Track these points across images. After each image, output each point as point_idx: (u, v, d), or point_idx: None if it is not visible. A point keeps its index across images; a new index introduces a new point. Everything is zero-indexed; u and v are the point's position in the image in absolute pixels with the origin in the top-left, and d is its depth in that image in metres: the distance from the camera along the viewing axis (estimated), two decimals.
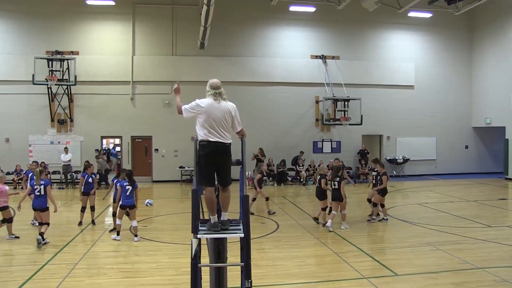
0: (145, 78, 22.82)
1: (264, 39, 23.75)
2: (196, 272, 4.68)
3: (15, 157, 21.52)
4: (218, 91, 5.20)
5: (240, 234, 4.78)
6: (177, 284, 7.74)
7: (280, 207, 15.78)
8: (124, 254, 9.75)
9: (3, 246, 10.48)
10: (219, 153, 5.06)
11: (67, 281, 7.93)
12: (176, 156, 22.97)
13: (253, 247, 4.97)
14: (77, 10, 22.30)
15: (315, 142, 24.07)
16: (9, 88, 21.97)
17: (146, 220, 13.22)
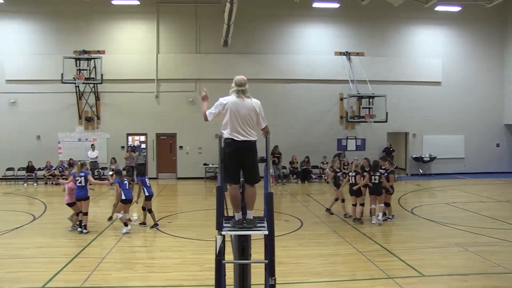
0: (169, 76, 23.05)
1: (287, 36, 23.69)
2: (220, 269, 4.73)
3: (45, 154, 22.05)
4: (241, 88, 5.17)
5: (264, 231, 4.80)
6: (201, 280, 7.84)
7: (304, 204, 15.78)
8: (149, 249, 9.93)
9: (36, 238, 10.83)
10: (244, 150, 5.05)
11: (95, 274, 8.15)
12: (200, 153, 23.15)
13: (277, 244, 4.99)
14: (103, 10, 22.67)
15: (339, 139, 23.92)
16: (39, 87, 22.55)
17: (171, 216, 13.36)
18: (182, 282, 7.77)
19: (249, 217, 5.05)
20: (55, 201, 16.81)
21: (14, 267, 8.69)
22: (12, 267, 8.64)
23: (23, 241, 10.65)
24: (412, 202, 15.97)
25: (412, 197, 17.47)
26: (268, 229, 4.82)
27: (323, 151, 22.91)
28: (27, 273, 8.30)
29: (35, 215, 13.57)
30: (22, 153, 22.01)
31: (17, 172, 21.93)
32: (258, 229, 4.94)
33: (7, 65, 22.59)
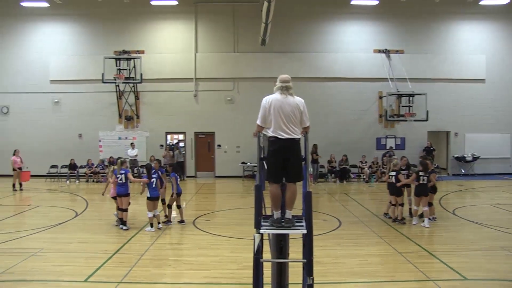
0: (208, 75, 23.25)
1: (325, 34, 23.48)
2: (258, 267, 4.72)
3: (86, 152, 22.69)
4: (285, 84, 5.15)
5: (302, 230, 4.76)
6: (239, 278, 7.85)
7: (342, 204, 15.61)
8: (188, 247, 10.01)
9: (78, 234, 11.13)
10: (288, 149, 5.01)
11: (134, 270, 8.28)
12: (238, 152, 23.25)
13: (315, 244, 4.94)
14: (142, 11, 23.08)
15: (378, 138, 23.55)
16: (81, 87, 23.24)
17: (209, 214, 13.45)
18: (220, 280, 7.80)
19: (287, 216, 5.01)
20: (96, 198, 17.22)
21: (58, 261, 8.95)
22: (56, 261, 8.91)
23: (66, 236, 10.98)
24: (454, 202, 15.54)
25: (454, 197, 17.01)
26: (306, 228, 4.78)
27: (362, 150, 22.63)
28: (70, 267, 8.53)
29: (77, 212, 13.95)
30: (65, 151, 22.71)
31: (60, 169, 22.59)
32: (296, 228, 4.91)
33: (52, 66, 23.40)
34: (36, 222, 12.53)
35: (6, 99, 23.66)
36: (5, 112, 23.75)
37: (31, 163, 20.84)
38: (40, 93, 23.44)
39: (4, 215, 13.67)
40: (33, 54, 23.54)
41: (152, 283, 7.69)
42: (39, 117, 23.47)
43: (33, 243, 10.27)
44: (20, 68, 23.56)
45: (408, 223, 12.20)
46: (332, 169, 22.06)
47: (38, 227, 11.80)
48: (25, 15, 23.31)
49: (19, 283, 7.59)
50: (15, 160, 19.16)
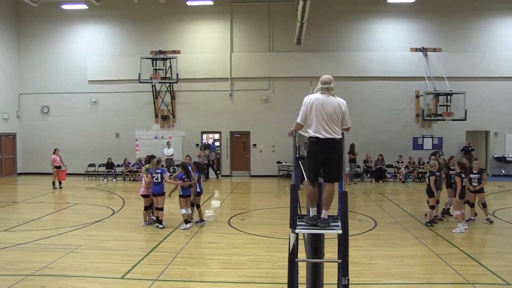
0: (243, 74, 23.31)
1: (361, 33, 23.18)
2: (293, 267, 4.69)
3: (123, 151, 23.14)
4: (326, 86, 5.09)
5: (338, 230, 4.70)
6: (274, 277, 7.83)
7: (378, 204, 15.39)
8: (223, 245, 10.04)
9: (115, 232, 11.37)
10: (329, 149, 4.94)
11: (170, 268, 8.37)
12: (273, 151, 23.24)
13: (350, 244, 4.86)
14: (178, 11, 23.34)
15: (415, 138, 23.07)
16: (118, 87, 23.74)
17: (244, 213, 13.50)
18: (255, 279, 7.79)
19: (323, 216, 4.95)
20: (132, 196, 17.49)
21: (96, 257, 9.14)
22: (94, 258, 9.10)
23: (104, 234, 11.21)
24: (494, 204, 15.06)
25: (494, 199, 16.50)
26: (342, 229, 4.71)
27: (398, 149, 22.24)
28: (107, 264, 8.70)
29: (114, 210, 14.22)
30: (102, 150, 23.22)
31: (98, 168, 23.09)
32: (331, 228, 4.85)
33: (90, 66, 23.98)
34: (74, 219, 12.85)
35: (47, 100, 24.42)
36: (45, 112, 24.50)
37: (70, 162, 21.38)
38: (78, 93, 24.08)
39: (45, 212, 14.08)
40: (72, 55, 24.19)
41: (187, 281, 7.74)
42: (78, 116, 24.12)
43: (72, 239, 10.53)
44: (59, 69, 24.26)
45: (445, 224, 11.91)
46: (368, 169, 21.78)
47: (76, 224, 12.10)
48: (65, 18, 24.00)
49: (59, 278, 7.78)
50: (54, 158, 19.69)
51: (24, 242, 10.23)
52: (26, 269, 8.26)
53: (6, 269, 8.32)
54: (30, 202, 16.17)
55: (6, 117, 23.77)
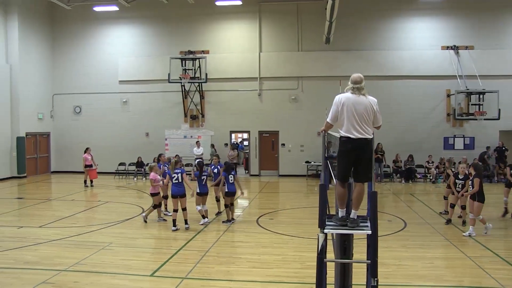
0: (272, 74, 23.31)
1: (391, 31, 22.84)
2: (322, 267, 4.67)
3: (153, 150, 23.28)
4: (356, 85, 5.03)
5: (367, 231, 4.66)
6: (302, 277, 7.81)
7: (407, 205, 15.17)
8: (251, 245, 10.06)
9: (145, 230, 11.57)
10: (361, 148, 4.90)
11: (198, 266, 8.44)
12: (302, 151, 23.16)
13: (379, 244, 4.80)
14: (207, 12, 23.48)
15: (445, 138, 22.62)
16: (148, 87, 24.07)
17: (273, 213, 13.51)
18: (283, 279, 7.78)
19: (353, 216, 4.92)
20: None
21: (126, 255, 9.31)
22: (124, 255, 9.27)
23: (133, 232, 11.41)
24: None
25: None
26: (371, 229, 4.67)
27: (428, 149, 21.85)
28: (137, 261, 8.84)
29: (143, 208, 14.38)
30: (132, 149, 23.57)
31: (128, 167, 23.44)
32: (361, 228, 4.81)
33: (120, 67, 24.40)
34: (105, 217, 13.09)
35: (79, 100, 24.96)
36: (77, 112, 25.04)
37: (101, 160, 21.78)
38: (109, 93, 24.54)
39: (77, 209, 14.41)
40: (104, 56, 24.66)
41: (216, 279, 7.79)
42: (109, 116, 24.58)
43: (103, 237, 10.74)
44: (91, 69, 24.76)
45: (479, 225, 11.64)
46: (397, 169, 21.49)
47: (107, 222, 12.32)
48: (97, 19, 24.48)
49: (91, 274, 7.95)
50: (86, 157, 20.08)
51: (58, 239, 10.50)
52: (60, 264, 8.48)
53: (42, 263, 8.58)
54: (63, 200, 16.57)
55: (41, 117, 24.40)
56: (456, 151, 21.86)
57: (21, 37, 22.77)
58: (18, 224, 12.19)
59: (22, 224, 12.16)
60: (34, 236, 10.82)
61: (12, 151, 22.64)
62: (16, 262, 8.71)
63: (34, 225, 11.98)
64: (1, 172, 22.09)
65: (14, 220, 13.06)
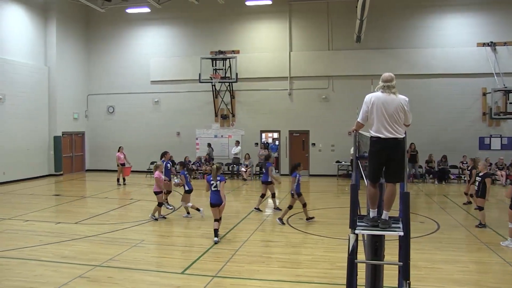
0: (302, 73, 23.24)
1: (423, 28, 22.38)
2: (353, 268, 4.65)
3: (184, 149, 23.67)
4: (387, 84, 4.99)
5: (399, 232, 4.61)
6: (332, 278, 7.76)
7: (441, 206, 14.87)
8: (281, 244, 10.06)
9: (175, 228, 11.75)
10: (391, 149, 4.86)
11: (228, 265, 8.49)
12: (333, 150, 23.01)
13: (412, 246, 4.74)
14: (237, 12, 23.61)
15: (481, 138, 22.04)
16: (179, 87, 24.37)
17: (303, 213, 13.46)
18: (313, 279, 7.75)
19: (384, 217, 4.87)
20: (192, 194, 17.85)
21: (157, 252, 9.50)
22: (156, 252, 9.46)
23: (165, 230, 11.61)
24: None
25: None
26: (403, 230, 4.62)
27: (463, 150, 21.32)
28: (168, 259, 8.98)
29: (174, 207, 14.55)
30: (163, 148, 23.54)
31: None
32: (392, 229, 4.77)
33: (152, 67, 24.80)
34: (137, 215, 13.32)
35: (112, 100, 25.50)
36: (111, 111, 25.56)
37: (133, 159, 22.11)
38: (141, 93, 24.97)
39: (110, 207, 14.73)
40: (136, 57, 25.10)
41: (245, 278, 7.82)
42: (141, 116, 25.01)
43: (135, 234, 10.95)
44: (124, 70, 25.26)
45: None
46: (430, 169, 21.09)
47: (139, 220, 12.54)
48: (129, 21, 24.95)
49: (124, 270, 8.10)
50: (119, 156, 20.45)
51: (92, 235, 10.77)
52: (95, 260, 8.70)
53: (78, 258, 8.84)
54: (97, 197, 16.96)
55: (76, 116, 25.03)
56: (493, 151, 21.33)
57: (58, 40, 23.49)
58: (55, 220, 12.59)
59: (59, 220, 12.54)
60: (70, 232, 11.16)
61: (49, 150, 23.32)
62: (55, 256, 9.04)
63: (71, 221, 12.33)
64: (40, 170, 22.82)
65: (52, 216, 13.52)
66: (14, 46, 21.33)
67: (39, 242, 10.10)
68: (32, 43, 22.53)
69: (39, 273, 7.96)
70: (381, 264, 5.15)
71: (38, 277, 7.75)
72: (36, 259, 8.82)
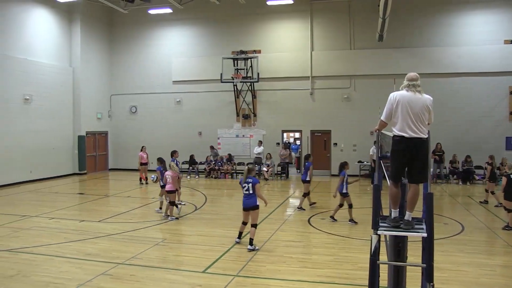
0: (324, 73, 23.12)
1: (447, 26, 21.97)
2: (375, 269, 4.59)
3: (206, 149, 23.77)
4: (412, 82, 4.94)
5: (423, 233, 4.54)
6: (353, 279, 7.70)
7: (465, 207, 14.63)
8: (303, 244, 10.03)
9: (197, 227, 11.75)
10: (416, 148, 4.78)
11: (249, 264, 8.50)
12: (354, 150, 22.83)
13: (435, 248, 4.66)
14: (258, 12, 23.61)
15: (508, 138, 21.52)
16: (201, 86, 24.51)
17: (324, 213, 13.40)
18: (334, 280, 7.70)
19: (407, 218, 4.80)
20: (214, 193, 18.04)
21: (179, 251, 9.56)
22: (177, 251, 9.52)
23: (186, 229, 11.70)
24: None
25: None
26: (426, 231, 4.54)
27: (488, 150, 20.73)
28: (190, 257, 9.03)
29: (196, 206, 14.67)
30: (185, 148, 23.95)
31: (181, 165, 23.89)
32: (416, 230, 4.69)
33: (174, 67, 25.02)
34: (159, 214, 13.41)
35: (135, 100, 25.80)
36: (133, 111, 25.85)
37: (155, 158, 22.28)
38: (163, 93, 25.20)
39: (132, 206, 14.91)
40: (158, 57, 25.35)
41: (266, 278, 7.81)
42: (163, 115, 25.26)
43: (157, 233, 11.08)
44: (147, 70, 25.54)
45: None
46: (454, 170, 20.75)
47: (161, 219, 12.66)
48: (152, 22, 25.20)
49: (145, 269, 8.18)
50: (141, 155, 20.67)
51: (115, 233, 10.93)
52: (117, 257, 8.82)
53: (101, 256, 8.99)
54: (120, 196, 17.18)
55: (100, 116, 25.38)
56: None
57: (82, 41, 23.90)
58: (79, 218, 12.81)
59: (83, 218, 12.76)
60: (94, 230, 11.35)
61: (74, 149, 23.71)
62: (79, 253, 9.22)
63: (94, 220, 12.54)
64: (65, 169, 23.27)
65: (76, 214, 13.76)
66: (41, 48, 21.82)
67: (64, 240, 10.31)
68: (57, 45, 22.97)
69: (65, 270, 8.14)
70: (404, 265, 5.09)
71: (63, 273, 7.93)
72: (62, 255, 9.02)
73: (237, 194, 18.15)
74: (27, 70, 20.74)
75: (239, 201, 10.93)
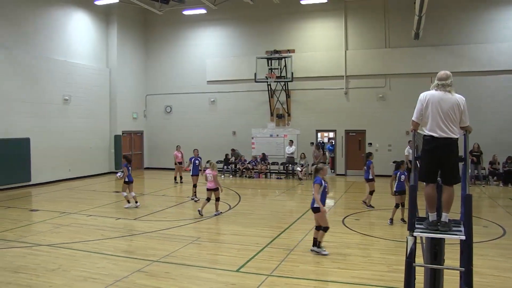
0: (358, 72, 22.87)
1: (486, 22, 21.27)
2: (410, 271, 4.52)
3: (240, 148, 23.92)
4: (441, 82, 4.85)
5: (461, 236, 4.43)
6: (388, 280, 7.57)
7: (506, 210, 14.17)
8: (336, 245, 9.93)
9: (231, 226, 11.80)
10: (444, 149, 4.71)
11: (283, 264, 8.46)
12: (389, 150, 22.46)
13: (474, 252, 4.54)
14: (292, 11, 23.55)
15: None
16: (235, 86, 24.64)
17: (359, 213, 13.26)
18: (368, 281, 7.60)
19: (444, 219, 4.71)
20: (248, 192, 18.07)
21: (212, 250, 9.63)
22: (211, 250, 9.58)
23: (220, 228, 11.78)
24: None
25: None
26: (465, 234, 4.44)
27: None
28: (224, 256, 9.07)
29: (230, 205, 14.75)
30: (220, 147, 24.18)
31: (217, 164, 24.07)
32: (453, 233, 4.59)
33: (208, 67, 25.23)
34: (194, 212, 13.57)
35: (170, 100, 26.18)
36: (168, 111, 26.23)
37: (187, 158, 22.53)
38: (198, 93, 25.46)
39: (167, 204, 15.12)
40: (193, 58, 25.65)
41: (300, 278, 7.77)
42: (198, 115, 25.52)
43: (191, 231, 11.18)
44: (181, 71, 25.89)
45: None
46: (494, 171, 20.16)
47: (195, 217, 12.78)
48: (186, 22, 25.52)
49: (180, 266, 8.27)
50: (176, 155, 20.90)
51: (150, 231, 11.09)
52: (153, 255, 8.94)
53: (136, 253, 9.15)
54: (155, 195, 17.44)
55: (135, 116, 25.87)
56: None
57: (119, 43, 24.44)
58: (116, 216, 13.12)
59: (119, 216, 13.04)
60: (129, 227, 11.61)
61: (110, 148, 24.24)
62: (115, 250, 9.41)
63: (130, 218, 12.78)
64: (102, 167, 23.87)
65: (113, 211, 14.07)
66: (79, 50, 22.44)
67: (101, 236, 10.56)
68: (94, 47, 23.54)
69: (102, 266, 8.33)
70: (441, 268, 4.98)
71: (101, 269, 8.12)
72: (99, 252, 9.23)
73: (271, 193, 18.20)
74: (66, 72, 21.34)
75: (273, 201, 10.95)
